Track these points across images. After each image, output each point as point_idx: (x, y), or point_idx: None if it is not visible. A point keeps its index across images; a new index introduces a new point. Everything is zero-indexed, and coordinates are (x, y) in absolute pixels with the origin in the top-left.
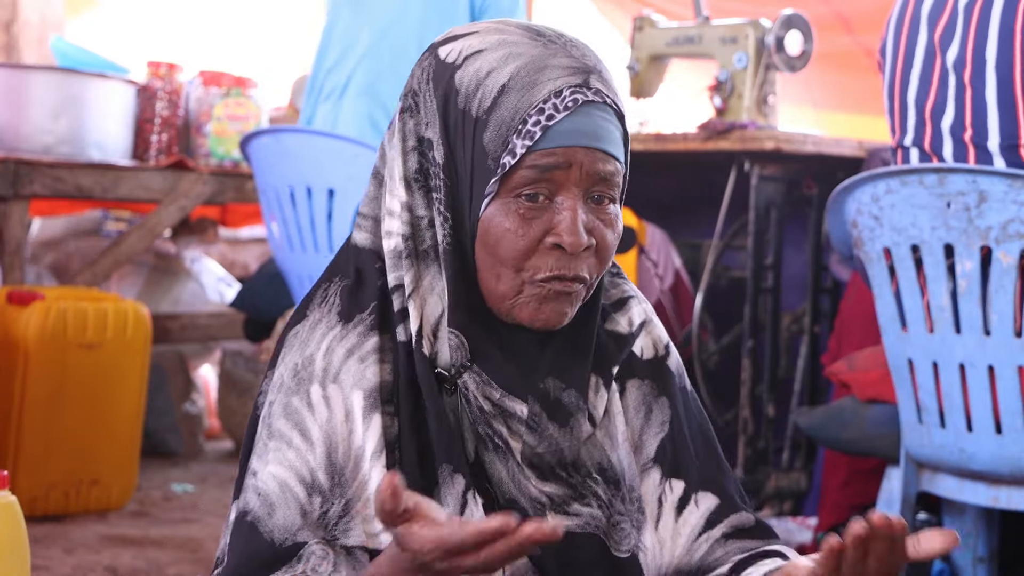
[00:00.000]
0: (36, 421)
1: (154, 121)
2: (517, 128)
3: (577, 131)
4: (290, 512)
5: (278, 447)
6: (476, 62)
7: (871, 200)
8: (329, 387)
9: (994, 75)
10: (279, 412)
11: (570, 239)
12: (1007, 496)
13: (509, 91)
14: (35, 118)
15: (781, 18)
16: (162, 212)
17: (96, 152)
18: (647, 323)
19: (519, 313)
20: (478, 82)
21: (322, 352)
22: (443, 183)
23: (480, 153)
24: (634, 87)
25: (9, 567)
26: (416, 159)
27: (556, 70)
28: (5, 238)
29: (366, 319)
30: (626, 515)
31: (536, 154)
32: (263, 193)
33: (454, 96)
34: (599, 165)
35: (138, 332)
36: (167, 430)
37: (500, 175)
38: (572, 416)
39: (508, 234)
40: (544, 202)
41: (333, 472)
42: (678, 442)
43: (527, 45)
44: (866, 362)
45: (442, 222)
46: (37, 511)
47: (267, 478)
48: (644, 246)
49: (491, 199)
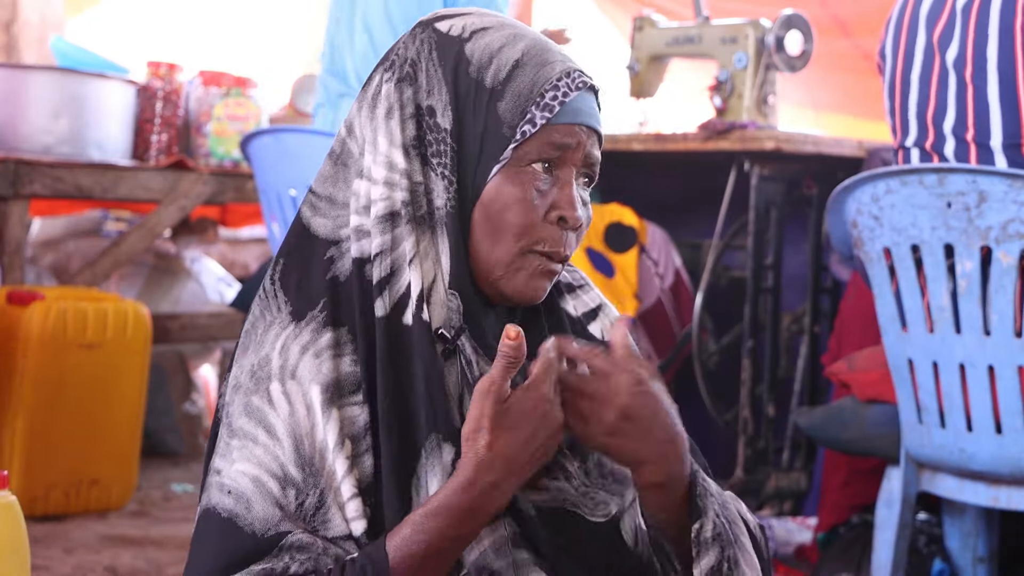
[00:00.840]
0: (36, 421)
1: (154, 121)
2: (536, 100)
3: (586, 111)
4: (267, 507)
5: (243, 445)
6: (485, 37)
7: (871, 200)
8: (288, 383)
9: (996, 74)
10: (239, 411)
11: (573, 214)
12: (1007, 496)
13: (524, 65)
14: (35, 118)
15: (781, 18)
16: (162, 212)
17: (96, 152)
18: (602, 306)
19: (507, 283)
20: (491, 54)
21: (277, 351)
22: (449, 148)
23: (494, 121)
24: (634, 87)
25: (9, 567)
26: (414, 126)
27: (558, 54)
28: (5, 238)
29: (318, 316)
30: (595, 485)
31: (553, 127)
32: (263, 193)
33: (465, 66)
34: (594, 149)
35: (138, 332)
36: (167, 430)
37: (519, 142)
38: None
39: (521, 203)
40: (549, 174)
41: (303, 464)
42: None
43: (523, 29)
44: (866, 362)
45: (446, 185)
46: (37, 511)
47: (236, 476)
48: (645, 245)
49: (502, 166)
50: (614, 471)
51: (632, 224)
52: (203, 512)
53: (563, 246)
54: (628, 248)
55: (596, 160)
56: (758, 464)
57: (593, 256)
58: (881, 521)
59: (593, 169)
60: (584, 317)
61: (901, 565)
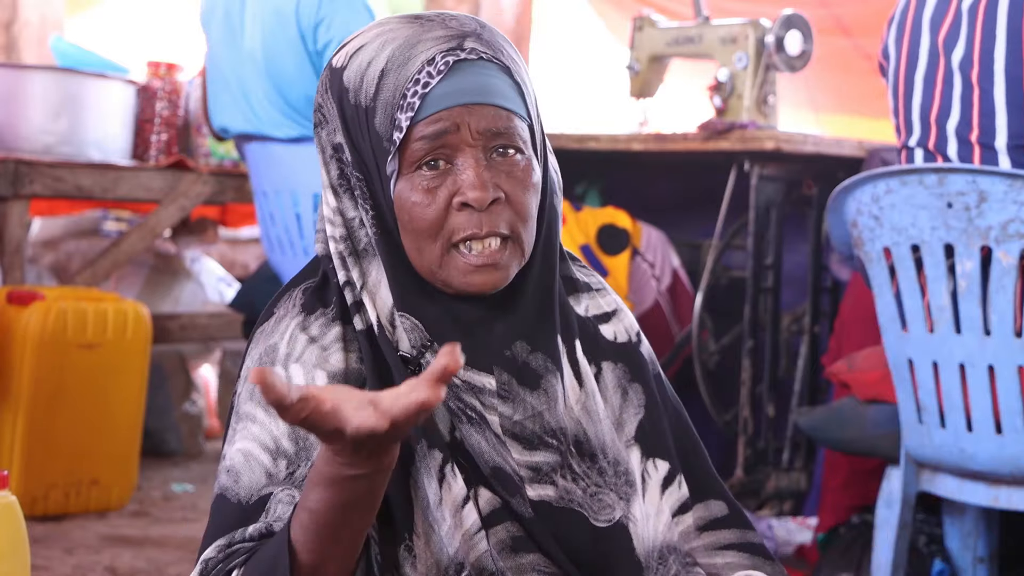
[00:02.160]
0: (36, 421)
1: (154, 121)
2: (399, 104)
3: (455, 91)
4: (255, 476)
5: (244, 426)
6: (359, 57)
7: (871, 200)
8: (291, 367)
9: (1003, 75)
10: (245, 397)
11: (474, 194)
12: (1007, 496)
13: (387, 73)
14: (35, 118)
15: (781, 18)
16: (162, 212)
17: (96, 152)
18: (619, 311)
19: (451, 281)
20: (361, 74)
21: (285, 340)
22: (357, 179)
23: (376, 138)
24: (634, 87)
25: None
26: (336, 166)
27: (429, 42)
28: (5, 238)
29: (328, 312)
30: (605, 487)
31: (421, 124)
32: (256, 196)
33: (346, 95)
34: (488, 121)
35: (138, 332)
36: (167, 430)
37: (393, 152)
38: (542, 378)
39: (417, 206)
40: (446, 167)
41: (296, 438)
42: (657, 425)
43: (403, 29)
44: (866, 362)
45: (364, 215)
46: (37, 511)
47: (234, 454)
48: (639, 248)
49: (396, 178)
50: (628, 471)
51: (625, 227)
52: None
53: (482, 226)
54: (620, 251)
55: (501, 129)
56: (758, 464)
57: (589, 256)
58: (881, 521)
59: (504, 137)
60: (595, 318)
61: (901, 565)
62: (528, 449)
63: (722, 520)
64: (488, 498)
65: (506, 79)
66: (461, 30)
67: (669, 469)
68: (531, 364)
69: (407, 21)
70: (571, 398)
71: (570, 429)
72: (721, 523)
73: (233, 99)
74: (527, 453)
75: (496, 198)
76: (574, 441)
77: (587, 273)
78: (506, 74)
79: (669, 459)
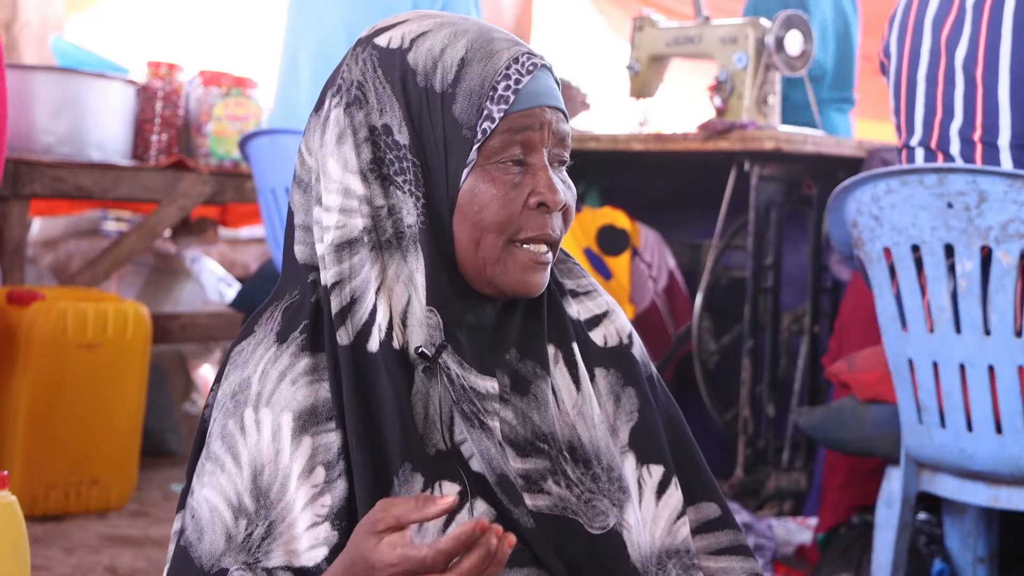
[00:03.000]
0: (36, 421)
1: (154, 121)
2: (488, 95)
3: (542, 92)
4: (216, 537)
5: (212, 470)
6: (426, 42)
7: (871, 200)
8: (261, 411)
9: (1007, 73)
10: (217, 434)
11: (552, 196)
12: (1007, 496)
13: (470, 62)
14: (35, 118)
15: (781, 18)
16: (162, 212)
17: (96, 152)
18: (610, 312)
19: (503, 279)
20: (434, 59)
21: (257, 376)
22: (411, 163)
23: (453, 125)
24: (634, 87)
25: (9, 567)
26: (369, 149)
27: (503, 41)
28: (5, 238)
29: (298, 338)
30: (599, 493)
31: (512, 117)
32: (261, 193)
33: (411, 76)
34: (561, 125)
35: (138, 332)
36: (167, 430)
37: (482, 141)
38: (532, 383)
39: (496, 199)
40: (521, 165)
41: (258, 495)
42: (651, 430)
43: (463, 23)
44: (866, 362)
45: (415, 202)
46: (37, 511)
47: (201, 501)
48: (638, 248)
49: (471, 170)
50: (621, 477)
51: (624, 227)
52: (176, 530)
53: (549, 228)
54: (621, 251)
55: (565, 135)
56: (758, 464)
57: (592, 258)
58: (881, 521)
59: (564, 145)
60: (586, 323)
61: (901, 565)
62: (521, 456)
63: (715, 522)
64: (483, 511)
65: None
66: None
67: (664, 473)
68: (521, 371)
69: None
70: (566, 402)
71: (564, 434)
72: (714, 525)
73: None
74: (519, 460)
75: (565, 204)
76: (568, 446)
77: (575, 276)
78: (556, 85)
79: (664, 462)
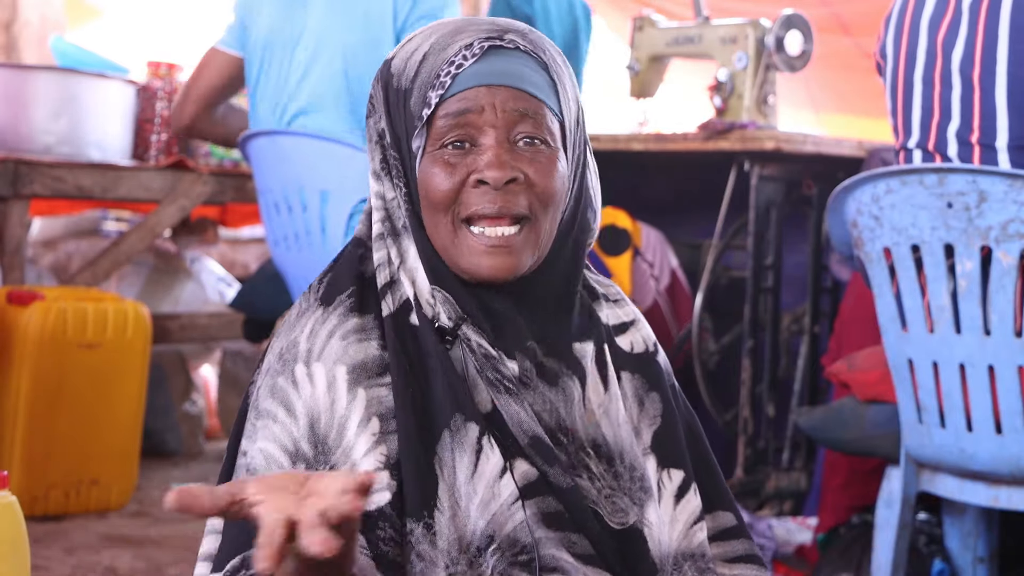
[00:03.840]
0: (36, 421)
1: (154, 121)
2: (432, 83)
3: (485, 73)
4: None
5: (264, 424)
6: (407, 46)
7: (871, 200)
8: (313, 365)
9: (1005, 75)
10: (266, 393)
11: (491, 172)
12: (1007, 496)
13: (428, 57)
14: (35, 118)
15: (781, 18)
16: (162, 212)
17: (96, 152)
18: (636, 321)
19: (461, 262)
20: (405, 60)
21: (305, 335)
22: (394, 159)
23: (409, 118)
24: (634, 87)
25: (9, 567)
26: (379, 151)
27: (471, 32)
28: (5, 238)
29: (345, 301)
30: (620, 491)
31: (448, 101)
32: (260, 194)
33: (391, 80)
34: (513, 103)
35: (138, 332)
36: (167, 430)
37: (420, 127)
38: (559, 378)
39: (435, 179)
40: (469, 148)
41: (316, 441)
42: (672, 435)
43: (453, 23)
44: (866, 362)
45: (399, 193)
46: (37, 511)
47: (255, 453)
48: (639, 248)
49: (422, 156)
50: (644, 477)
51: (626, 227)
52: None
53: (499, 204)
54: (622, 251)
55: (526, 112)
56: (758, 464)
57: (592, 258)
58: (881, 521)
59: (529, 125)
60: (614, 328)
61: (901, 565)
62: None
63: (731, 531)
64: (524, 470)
65: (541, 73)
66: (508, 26)
67: (683, 478)
68: (547, 364)
69: (460, 19)
70: (593, 401)
71: (589, 432)
72: (730, 534)
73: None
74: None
75: (514, 178)
76: (592, 443)
77: (605, 284)
78: (543, 68)
79: (684, 468)
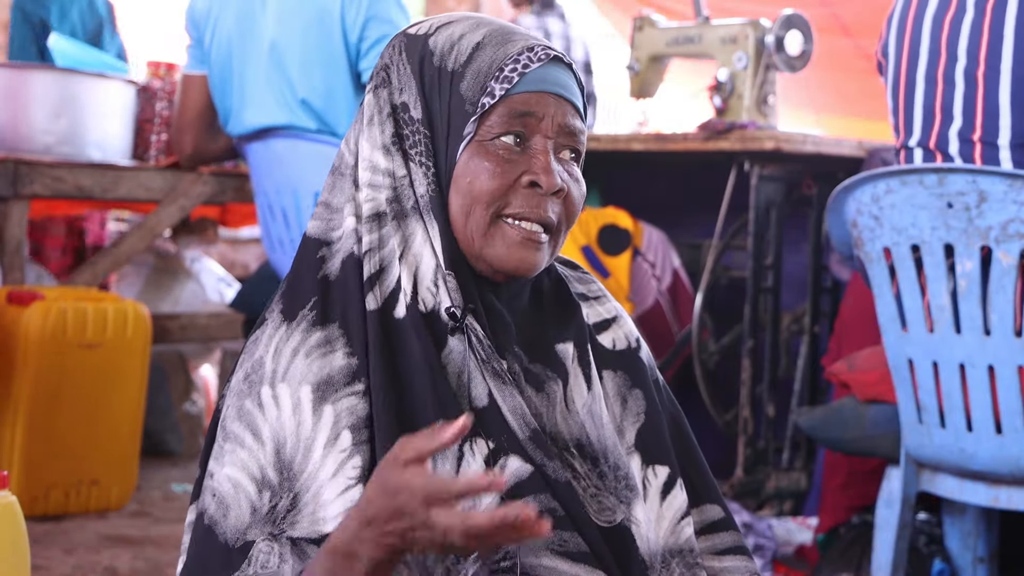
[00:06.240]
0: (36, 421)
1: (154, 121)
2: (495, 75)
3: (551, 80)
4: (241, 512)
5: (232, 449)
6: (448, 29)
7: (871, 200)
8: (278, 386)
9: (1008, 74)
10: (233, 415)
11: (546, 178)
12: (1007, 496)
13: (484, 47)
14: (35, 118)
15: (781, 18)
16: (162, 212)
17: (96, 152)
18: (618, 318)
19: (491, 252)
20: (452, 43)
21: (270, 355)
22: (422, 136)
23: (458, 101)
24: (634, 87)
25: (9, 567)
26: (392, 125)
27: (524, 35)
28: (5, 238)
29: (307, 314)
30: (605, 490)
31: (513, 98)
32: (256, 196)
33: (429, 57)
34: (568, 118)
35: (138, 332)
36: (167, 430)
37: (479, 114)
38: (545, 383)
39: (485, 171)
40: (519, 146)
41: (281, 467)
42: (656, 431)
43: (495, 22)
44: (866, 362)
45: (425, 172)
46: (37, 511)
47: (222, 479)
48: (640, 248)
49: (467, 142)
50: (628, 476)
51: (626, 227)
52: (196, 516)
53: (541, 209)
54: (622, 251)
55: (575, 130)
56: (758, 464)
57: (589, 256)
58: (881, 521)
59: (574, 140)
60: (595, 327)
61: (901, 565)
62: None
63: (717, 524)
64: (516, 469)
65: (580, 97)
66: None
67: (669, 474)
68: (532, 369)
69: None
70: (576, 402)
71: (573, 432)
72: (717, 526)
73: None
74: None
75: (562, 188)
76: (576, 444)
77: (585, 280)
78: (581, 93)
79: (668, 464)
